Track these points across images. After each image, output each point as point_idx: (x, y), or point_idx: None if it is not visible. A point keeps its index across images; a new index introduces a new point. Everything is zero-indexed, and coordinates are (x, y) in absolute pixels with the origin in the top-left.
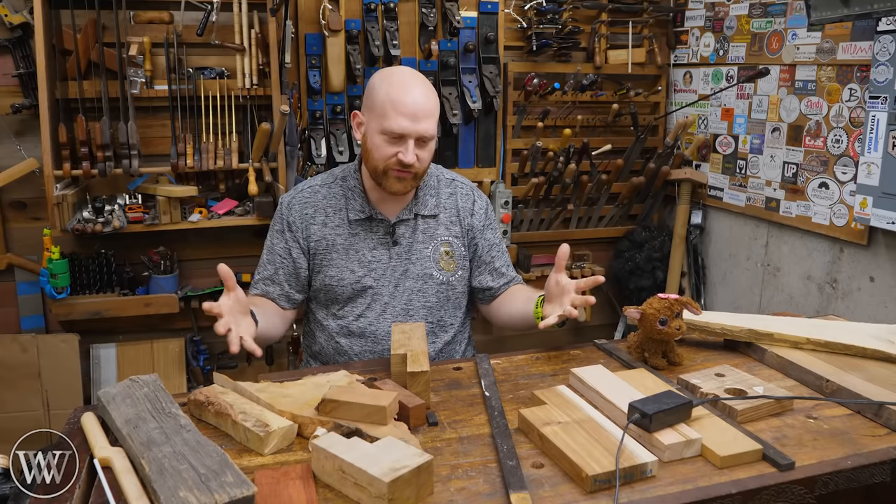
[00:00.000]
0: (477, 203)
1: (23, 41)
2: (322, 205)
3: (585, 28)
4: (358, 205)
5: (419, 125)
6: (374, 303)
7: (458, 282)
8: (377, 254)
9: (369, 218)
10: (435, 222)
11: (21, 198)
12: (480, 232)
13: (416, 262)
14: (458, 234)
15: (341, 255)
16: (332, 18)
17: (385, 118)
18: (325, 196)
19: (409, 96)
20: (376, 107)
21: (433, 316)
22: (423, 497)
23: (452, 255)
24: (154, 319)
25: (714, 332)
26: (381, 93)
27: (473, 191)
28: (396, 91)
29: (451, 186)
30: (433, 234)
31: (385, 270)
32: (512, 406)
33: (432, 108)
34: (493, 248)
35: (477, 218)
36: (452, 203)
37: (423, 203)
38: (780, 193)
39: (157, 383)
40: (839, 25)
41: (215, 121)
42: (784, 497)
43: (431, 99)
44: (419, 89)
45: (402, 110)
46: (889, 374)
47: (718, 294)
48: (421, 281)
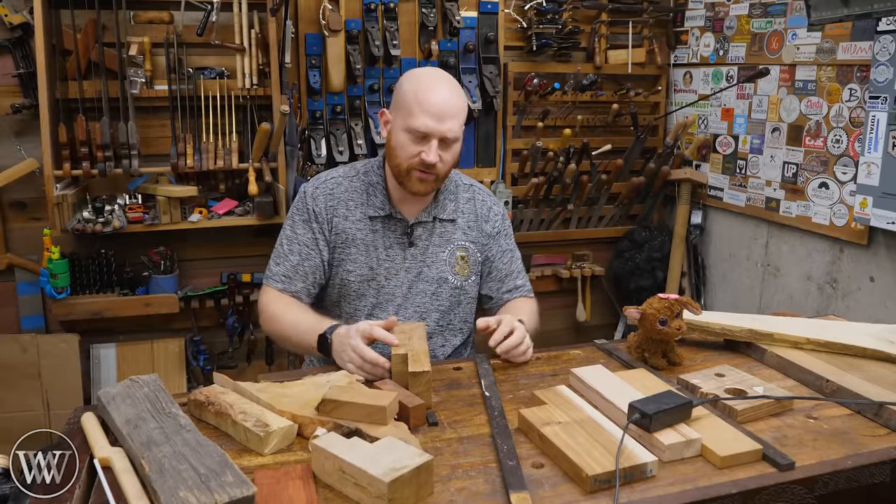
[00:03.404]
0: (493, 210)
1: (23, 41)
2: (344, 197)
3: (585, 28)
4: (378, 201)
5: (443, 125)
6: (387, 304)
7: (471, 287)
8: (392, 253)
9: (388, 216)
10: (453, 226)
11: (21, 198)
12: (495, 239)
13: (432, 265)
14: (475, 239)
15: (360, 251)
16: (332, 18)
17: (410, 116)
18: (347, 189)
19: (435, 95)
20: (402, 105)
21: (445, 319)
22: (423, 497)
23: (468, 261)
24: (154, 319)
25: (714, 332)
26: (409, 91)
27: (490, 197)
28: (423, 90)
29: (470, 192)
30: (450, 238)
31: (399, 271)
32: (512, 406)
33: (458, 110)
34: (505, 254)
35: (492, 225)
36: (471, 208)
37: (443, 207)
38: (780, 193)
39: (157, 383)
40: (839, 25)
41: (215, 121)
42: (784, 497)
43: (458, 100)
44: (446, 89)
45: (428, 109)
46: (889, 374)
47: (718, 294)
48: (435, 284)
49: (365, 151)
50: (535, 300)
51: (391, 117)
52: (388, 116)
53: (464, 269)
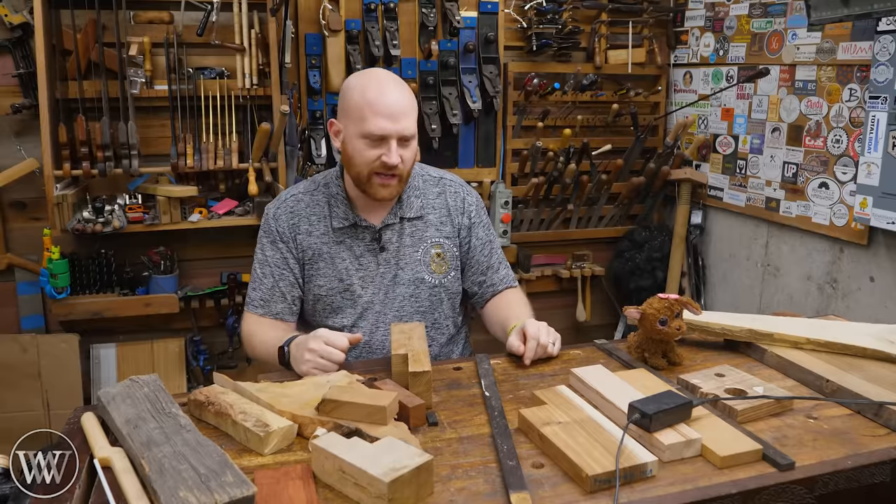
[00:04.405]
0: (467, 200)
1: (23, 41)
2: (305, 213)
3: (585, 28)
4: (341, 212)
5: (399, 124)
6: (367, 312)
7: (451, 283)
8: (364, 261)
9: (354, 225)
10: (423, 224)
11: (21, 198)
12: (471, 231)
13: (406, 266)
14: (450, 234)
15: (328, 264)
16: (332, 18)
17: (364, 122)
18: (308, 204)
19: (386, 96)
20: (352, 111)
21: (427, 319)
22: (423, 497)
23: (444, 257)
24: (154, 319)
25: (714, 332)
26: (356, 96)
27: (463, 187)
28: (372, 93)
29: (440, 185)
30: (422, 236)
31: (374, 278)
32: (512, 406)
33: (410, 107)
34: (485, 246)
35: (467, 216)
36: (442, 202)
37: (409, 205)
38: (780, 193)
39: (157, 383)
40: (839, 25)
41: (215, 121)
42: (784, 497)
43: (408, 97)
44: (395, 89)
45: (381, 111)
46: (889, 374)
47: (718, 294)
48: (413, 286)
49: None
50: (519, 288)
51: (341, 126)
52: (339, 126)
53: (441, 267)
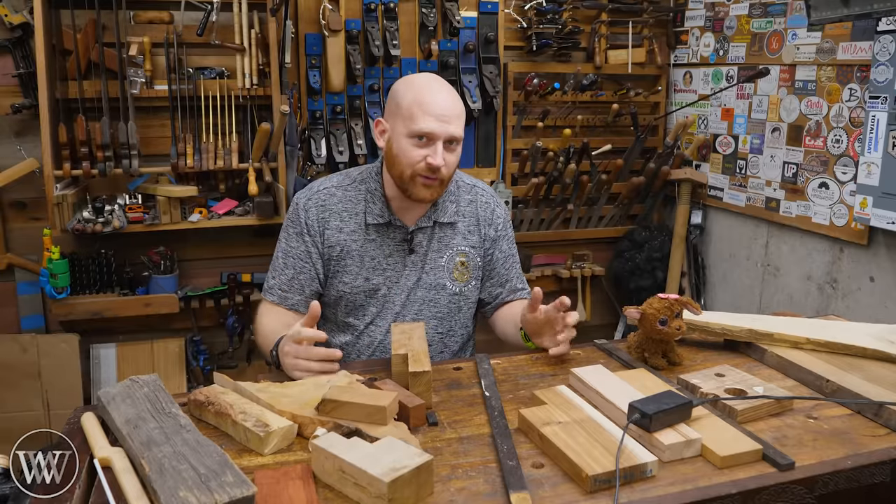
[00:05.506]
0: (496, 212)
1: (23, 41)
2: (337, 208)
3: (585, 28)
4: (377, 209)
5: (448, 126)
6: (385, 311)
7: (470, 292)
8: (392, 261)
9: (388, 224)
10: (452, 231)
11: (21, 198)
12: (496, 243)
13: (430, 271)
14: (476, 243)
15: (356, 262)
16: (332, 18)
17: (413, 121)
18: (341, 199)
19: (438, 98)
20: (402, 111)
21: (443, 326)
22: (423, 497)
23: (467, 266)
24: (154, 319)
25: (714, 332)
26: (408, 96)
27: (493, 198)
28: (423, 94)
29: (472, 193)
30: (449, 243)
31: (399, 279)
32: (512, 406)
33: (459, 111)
34: (507, 259)
35: (494, 228)
36: (472, 211)
37: (443, 210)
38: (780, 193)
39: (157, 383)
40: (839, 25)
41: (215, 121)
42: (784, 497)
43: (458, 102)
44: (445, 92)
45: (431, 111)
46: (889, 374)
47: (718, 294)
48: (433, 291)
49: (365, 151)
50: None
51: (388, 126)
52: (385, 125)
53: (463, 275)
